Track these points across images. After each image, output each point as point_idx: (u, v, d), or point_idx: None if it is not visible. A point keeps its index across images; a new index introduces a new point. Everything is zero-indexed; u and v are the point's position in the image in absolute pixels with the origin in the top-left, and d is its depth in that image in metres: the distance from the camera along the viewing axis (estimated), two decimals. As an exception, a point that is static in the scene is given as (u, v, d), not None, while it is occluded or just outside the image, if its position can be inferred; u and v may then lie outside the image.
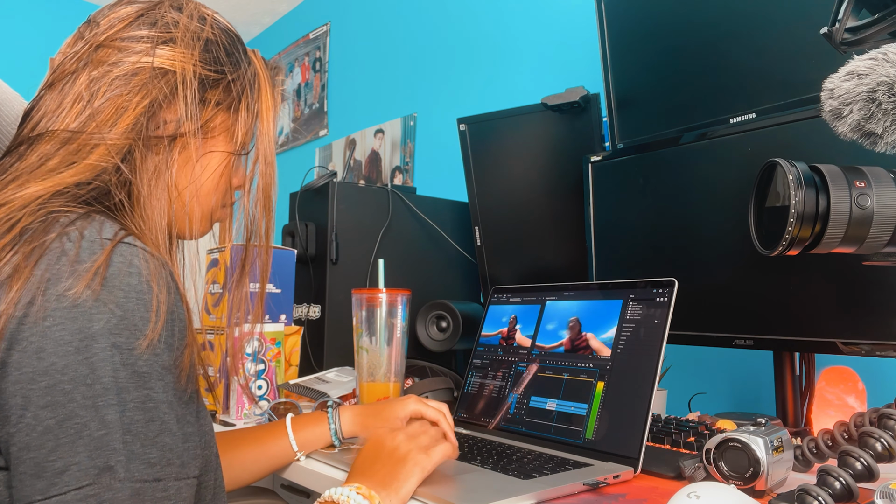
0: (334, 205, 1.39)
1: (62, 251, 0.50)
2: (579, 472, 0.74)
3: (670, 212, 1.09)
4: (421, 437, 0.73)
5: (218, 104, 0.66)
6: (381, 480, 0.67)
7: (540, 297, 1.02)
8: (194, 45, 0.64)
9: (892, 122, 0.56)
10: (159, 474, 0.50)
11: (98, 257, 0.50)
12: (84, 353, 0.48)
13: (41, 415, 0.47)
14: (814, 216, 0.63)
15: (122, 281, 0.50)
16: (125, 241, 0.53)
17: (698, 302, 1.03)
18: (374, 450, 0.72)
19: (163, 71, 0.62)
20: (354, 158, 2.61)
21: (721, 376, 1.34)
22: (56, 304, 0.48)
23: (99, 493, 0.47)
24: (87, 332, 0.48)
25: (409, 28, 2.39)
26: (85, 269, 0.49)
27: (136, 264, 0.52)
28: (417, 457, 0.69)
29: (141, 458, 0.49)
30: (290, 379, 1.27)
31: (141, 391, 0.50)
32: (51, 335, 0.47)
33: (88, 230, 0.52)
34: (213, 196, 0.69)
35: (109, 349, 0.49)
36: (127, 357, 0.49)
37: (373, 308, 1.02)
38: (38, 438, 0.47)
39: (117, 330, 0.49)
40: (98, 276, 0.49)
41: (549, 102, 1.27)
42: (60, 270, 0.49)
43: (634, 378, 0.82)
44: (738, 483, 0.66)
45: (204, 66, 0.64)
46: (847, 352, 0.86)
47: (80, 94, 0.60)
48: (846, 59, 0.58)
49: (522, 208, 1.41)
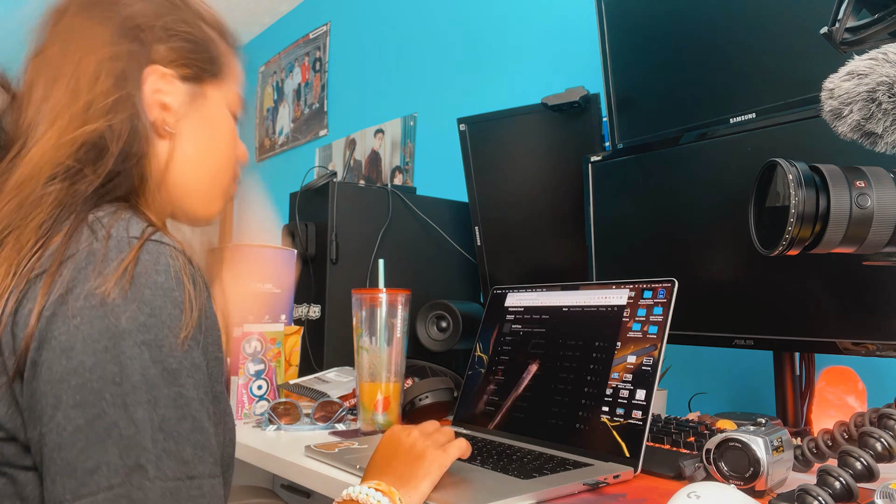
0: (334, 205, 1.39)
1: (90, 251, 0.50)
2: (579, 472, 0.74)
3: (670, 212, 1.09)
4: (436, 434, 0.73)
5: (204, 74, 0.67)
6: (400, 477, 0.67)
7: (540, 297, 1.02)
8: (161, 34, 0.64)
9: (892, 122, 0.56)
10: (193, 472, 0.49)
11: (125, 256, 0.50)
12: (112, 351, 0.48)
13: (71, 414, 0.47)
14: (814, 216, 0.63)
15: (150, 279, 0.50)
16: (152, 239, 0.53)
17: (698, 302, 1.03)
18: (390, 447, 0.72)
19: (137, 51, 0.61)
20: (354, 158, 2.61)
21: (721, 376, 1.34)
22: (84, 302, 0.48)
23: (130, 493, 0.46)
24: (116, 331, 0.48)
25: (409, 28, 2.39)
26: (113, 268, 0.49)
27: (164, 262, 0.52)
28: (434, 453, 0.70)
29: (175, 456, 0.48)
30: (290, 379, 1.27)
31: (172, 388, 0.49)
32: (79, 334, 0.47)
33: (115, 228, 0.52)
34: (227, 168, 0.71)
35: (138, 347, 0.48)
36: (157, 354, 0.49)
37: (373, 308, 1.02)
38: (68, 438, 0.46)
39: (146, 328, 0.49)
40: (126, 274, 0.49)
41: (549, 102, 1.27)
42: (88, 270, 0.49)
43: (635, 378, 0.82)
44: (738, 483, 0.66)
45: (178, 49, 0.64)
46: (847, 352, 0.86)
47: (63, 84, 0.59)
48: (846, 59, 0.58)
49: (522, 208, 1.41)
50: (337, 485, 0.78)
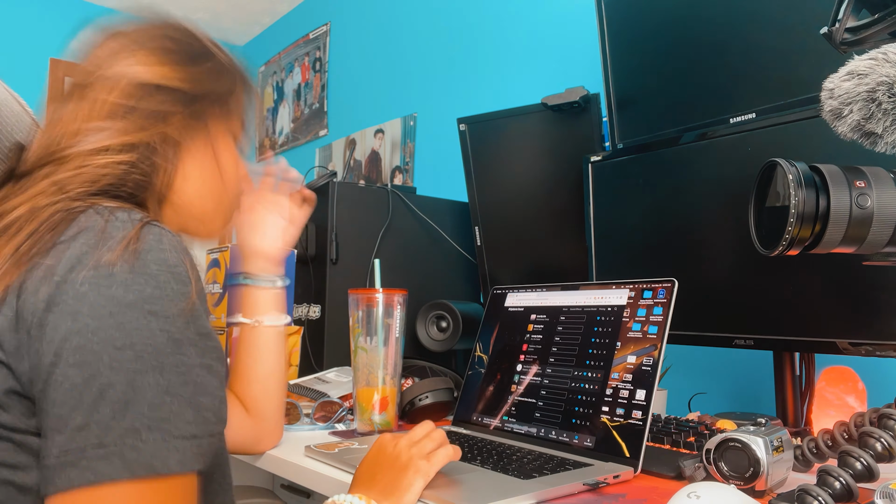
0: (334, 205, 1.39)
1: (97, 228, 0.54)
2: (579, 472, 0.74)
3: (670, 212, 1.09)
4: (423, 441, 0.72)
5: (208, 102, 0.70)
6: (384, 489, 0.67)
7: (540, 297, 1.02)
8: (174, 56, 0.68)
9: (892, 122, 0.56)
10: (196, 431, 0.52)
11: (130, 233, 0.54)
12: (117, 317, 0.50)
13: (69, 372, 0.48)
14: (814, 216, 0.63)
15: (155, 256, 0.54)
16: (153, 223, 0.56)
17: (698, 302, 1.03)
18: (376, 457, 0.72)
19: (153, 85, 0.66)
20: (354, 158, 2.61)
21: (721, 376, 1.34)
22: (94, 272, 0.51)
23: (122, 451, 0.48)
24: (123, 301, 0.51)
25: (408, 28, 2.39)
26: (117, 241, 0.53)
27: (165, 241, 0.55)
28: (419, 464, 0.69)
29: (181, 418, 0.51)
30: (290, 379, 1.27)
31: (176, 356, 0.52)
32: (87, 300, 0.50)
33: (120, 213, 0.56)
34: (229, 190, 0.75)
35: (145, 316, 0.51)
36: (163, 324, 0.52)
37: (370, 308, 1.02)
38: (63, 395, 0.48)
39: (152, 300, 0.52)
40: (130, 248, 0.52)
41: (549, 102, 1.27)
42: (96, 243, 0.52)
43: (634, 378, 0.82)
44: (738, 483, 0.66)
45: (185, 75, 0.68)
46: (847, 352, 0.86)
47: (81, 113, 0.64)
48: (846, 59, 0.58)
49: (522, 208, 1.41)
50: (337, 485, 0.78)
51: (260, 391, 0.88)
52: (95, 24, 0.70)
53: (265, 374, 0.88)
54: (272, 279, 0.92)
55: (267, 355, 0.89)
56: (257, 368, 0.88)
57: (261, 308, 0.90)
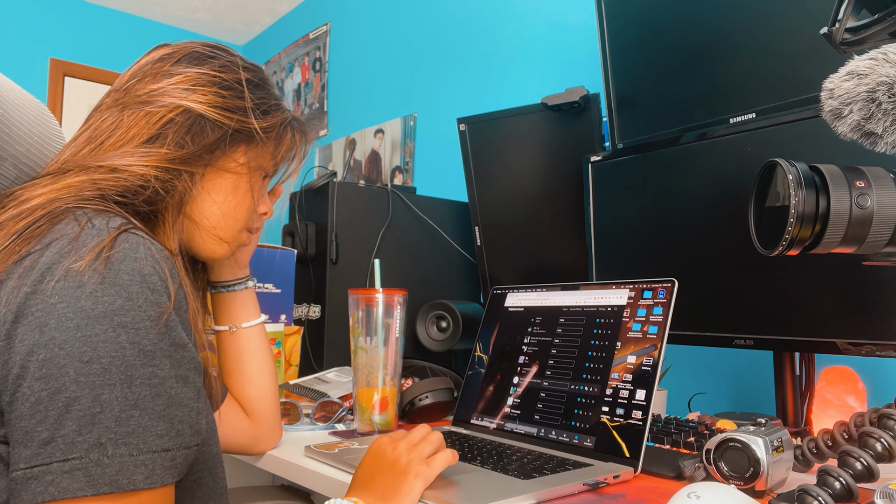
0: (334, 205, 1.39)
1: (71, 236, 0.53)
2: (579, 472, 0.74)
3: (670, 212, 1.09)
4: (422, 445, 0.71)
5: (238, 139, 0.72)
6: (383, 493, 0.66)
7: (540, 297, 1.02)
8: (217, 87, 0.70)
9: (892, 122, 0.56)
10: (168, 444, 0.51)
11: (103, 240, 0.53)
12: (84, 330, 0.49)
13: (35, 386, 0.48)
14: (814, 216, 0.63)
15: (128, 265, 0.52)
16: (131, 231, 0.55)
17: (698, 302, 1.03)
18: (374, 461, 0.71)
19: (190, 110, 0.68)
20: (354, 158, 2.61)
21: (721, 376, 1.34)
22: (63, 283, 0.50)
23: (87, 467, 0.47)
24: (91, 313, 0.50)
25: (409, 28, 2.39)
26: (88, 250, 0.52)
27: (141, 250, 0.54)
28: (418, 468, 0.68)
29: (150, 431, 0.50)
30: (290, 379, 1.27)
31: (147, 368, 0.51)
32: (55, 312, 0.49)
33: (98, 219, 0.55)
34: (240, 219, 0.76)
35: (113, 329, 0.50)
36: (133, 336, 0.51)
37: (369, 308, 1.02)
38: (29, 408, 0.48)
39: (122, 311, 0.51)
40: (101, 257, 0.51)
41: (549, 102, 1.27)
42: (68, 251, 0.51)
43: (634, 378, 0.82)
44: (738, 483, 0.66)
45: (224, 106, 0.70)
46: (847, 352, 0.86)
47: (115, 125, 0.65)
48: (846, 59, 0.58)
49: (522, 208, 1.41)
50: (337, 485, 0.78)
51: (254, 390, 0.88)
52: (156, 46, 0.73)
53: (255, 372, 0.89)
54: (241, 282, 0.91)
55: (252, 356, 0.89)
56: (247, 370, 0.88)
57: (235, 313, 0.90)
